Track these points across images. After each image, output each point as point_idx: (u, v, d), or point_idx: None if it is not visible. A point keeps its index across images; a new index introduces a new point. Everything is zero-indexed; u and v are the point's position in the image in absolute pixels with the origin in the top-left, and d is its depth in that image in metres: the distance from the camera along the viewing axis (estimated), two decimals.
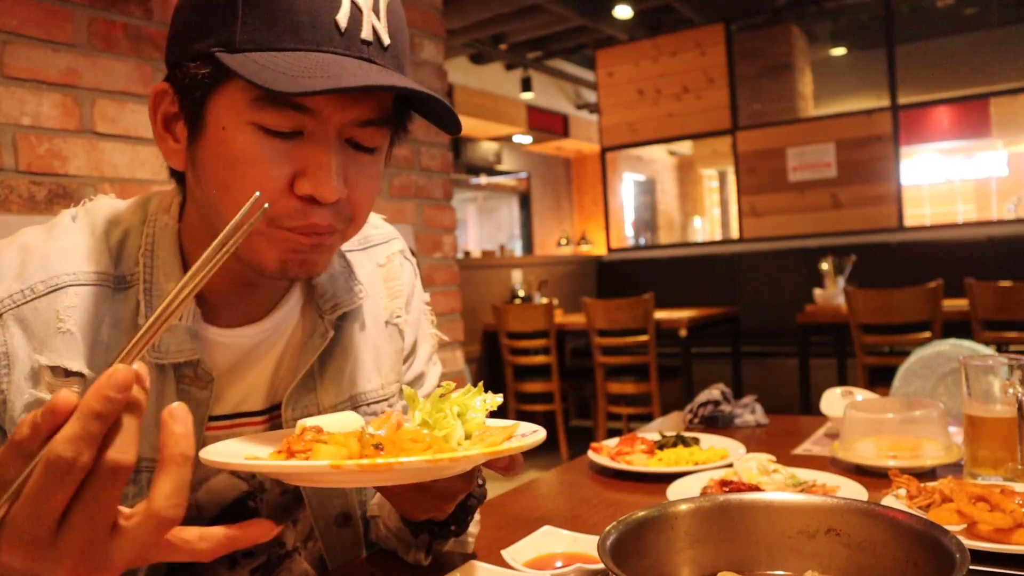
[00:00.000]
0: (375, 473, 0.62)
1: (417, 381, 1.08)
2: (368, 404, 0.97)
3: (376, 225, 1.08)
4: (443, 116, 0.79)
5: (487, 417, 0.79)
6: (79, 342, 0.78)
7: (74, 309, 0.79)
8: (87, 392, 0.50)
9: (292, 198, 0.74)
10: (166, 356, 0.81)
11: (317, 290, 0.93)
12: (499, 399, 0.79)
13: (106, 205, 0.88)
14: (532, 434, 0.73)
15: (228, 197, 0.75)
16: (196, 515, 0.87)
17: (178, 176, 0.83)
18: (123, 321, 0.81)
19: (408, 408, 0.78)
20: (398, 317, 1.03)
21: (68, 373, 0.77)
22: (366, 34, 0.73)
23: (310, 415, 0.88)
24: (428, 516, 0.86)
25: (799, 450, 1.46)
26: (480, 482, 0.91)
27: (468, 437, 0.75)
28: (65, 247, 0.82)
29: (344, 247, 1.00)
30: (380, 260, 1.04)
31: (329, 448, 0.66)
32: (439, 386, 0.82)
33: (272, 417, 0.90)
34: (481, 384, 0.80)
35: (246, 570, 0.93)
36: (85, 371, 0.78)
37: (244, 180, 0.73)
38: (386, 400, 0.99)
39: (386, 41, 0.75)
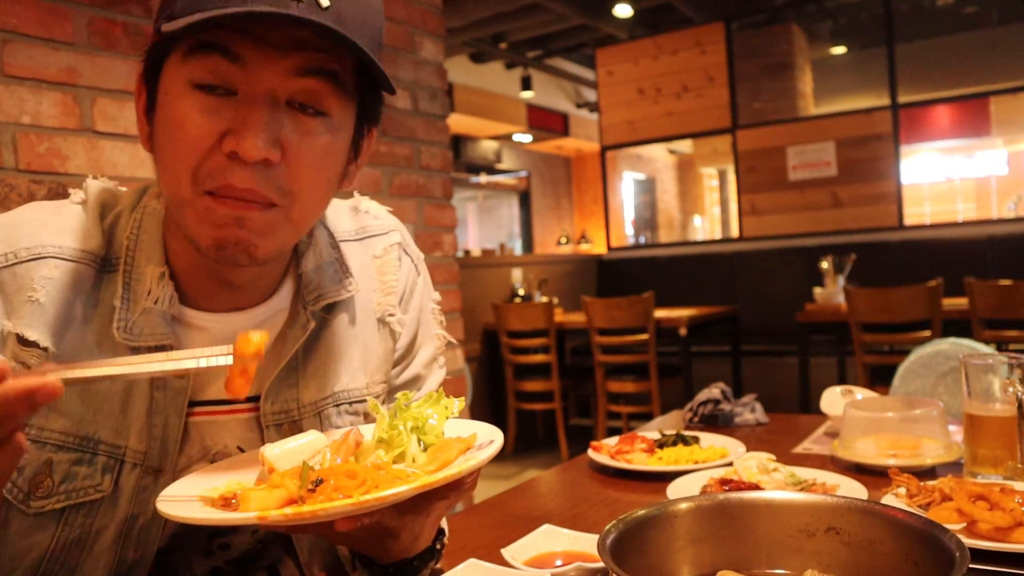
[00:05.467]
0: (302, 519, 0.62)
1: (412, 384, 1.02)
2: (351, 403, 0.93)
3: (376, 215, 1.04)
4: (375, 73, 0.75)
5: (457, 417, 0.79)
6: (46, 314, 0.78)
7: (50, 281, 0.79)
8: (16, 382, 0.54)
9: (218, 156, 0.72)
10: (138, 339, 0.80)
11: (303, 280, 0.90)
12: (460, 404, 0.78)
13: (104, 189, 0.89)
14: (483, 448, 0.72)
15: (163, 163, 0.76)
16: None
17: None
18: (102, 303, 0.81)
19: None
20: (391, 315, 0.98)
21: (26, 342, 0.77)
22: None
23: (289, 409, 0.88)
24: (367, 554, 0.84)
25: (799, 449, 1.46)
26: (438, 546, 0.88)
27: (426, 449, 0.75)
28: (62, 225, 0.83)
29: (339, 236, 0.97)
30: (376, 252, 1.00)
31: (261, 493, 0.65)
32: (436, 391, 0.82)
33: (255, 407, 0.88)
34: (441, 390, 0.80)
35: (221, 560, 0.93)
36: (45, 343, 0.78)
37: (174, 140, 0.73)
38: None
39: (324, 2, 0.71)
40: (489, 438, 0.75)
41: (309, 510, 0.61)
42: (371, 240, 1.00)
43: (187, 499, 0.69)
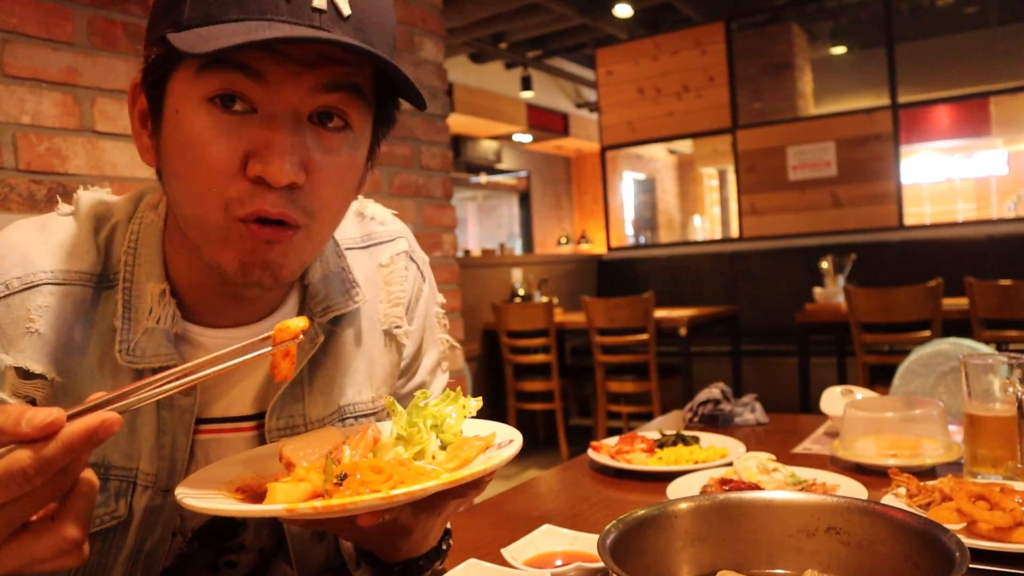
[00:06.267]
0: (331, 513, 0.62)
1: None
2: (356, 417, 0.91)
3: (383, 221, 1.01)
4: (405, 88, 0.73)
5: (474, 417, 0.79)
6: (47, 343, 0.76)
7: (46, 309, 0.76)
8: (75, 426, 0.52)
9: (244, 180, 0.69)
10: (141, 360, 0.77)
11: (309, 291, 0.87)
12: (477, 404, 0.77)
13: (97, 200, 0.85)
14: (503, 448, 0.72)
15: (181, 186, 0.71)
16: (181, 524, 0.85)
17: (160, 175, 0.78)
18: (101, 322, 0.78)
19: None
20: (397, 327, 0.95)
21: (30, 375, 0.75)
22: (318, 2, 0.67)
23: (295, 425, 0.86)
24: (375, 551, 0.83)
25: (799, 449, 1.46)
26: (444, 546, 0.88)
27: (444, 448, 0.74)
28: (50, 244, 0.79)
29: (345, 244, 0.94)
30: (383, 260, 0.97)
31: (287, 486, 0.65)
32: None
33: (259, 424, 0.86)
34: (459, 389, 0.79)
35: None
36: (50, 374, 0.75)
37: (194, 164, 0.69)
38: (375, 414, 0.93)
39: (345, 11, 0.69)
40: (508, 438, 0.75)
41: (339, 503, 0.61)
42: (377, 248, 0.98)
43: (207, 492, 0.68)
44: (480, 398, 0.78)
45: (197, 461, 0.84)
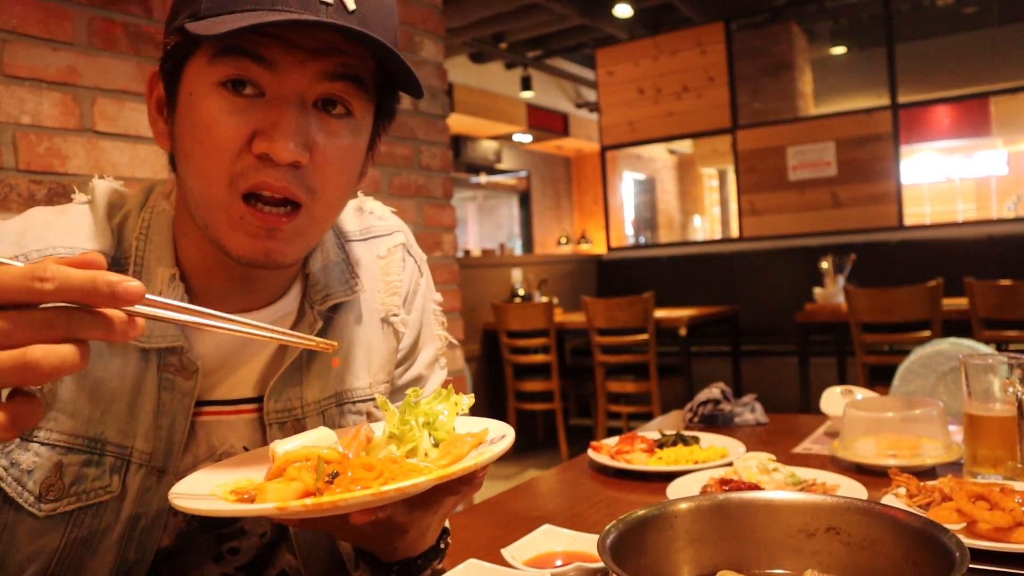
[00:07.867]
0: (322, 510, 0.62)
1: (414, 384, 1.03)
2: (354, 402, 0.94)
3: (381, 216, 1.05)
4: (405, 78, 0.77)
5: (466, 414, 0.79)
6: None
7: None
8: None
9: (249, 156, 0.73)
10: (148, 340, 0.80)
11: (310, 280, 0.91)
12: (469, 400, 0.78)
13: (111, 189, 0.89)
14: (495, 443, 0.72)
15: (190, 164, 0.76)
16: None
17: (173, 162, 0.82)
18: None
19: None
20: (394, 315, 0.99)
21: None
22: None
23: (292, 407, 0.88)
24: (373, 550, 0.84)
25: (799, 449, 1.46)
26: (442, 545, 0.89)
27: (437, 445, 0.75)
28: (70, 225, 0.83)
29: (345, 237, 0.98)
30: (380, 252, 1.01)
31: (278, 485, 0.65)
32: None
33: (259, 407, 0.88)
34: (451, 387, 0.80)
35: (231, 567, 0.93)
36: None
37: (203, 143, 0.73)
38: (373, 400, 0.95)
39: (351, 6, 0.73)
40: (500, 433, 0.75)
41: (330, 500, 0.61)
42: (375, 240, 1.01)
43: (201, 494, 0.69)
44: (472, 395, 0.79)
45: (198, 442, 0.86)
